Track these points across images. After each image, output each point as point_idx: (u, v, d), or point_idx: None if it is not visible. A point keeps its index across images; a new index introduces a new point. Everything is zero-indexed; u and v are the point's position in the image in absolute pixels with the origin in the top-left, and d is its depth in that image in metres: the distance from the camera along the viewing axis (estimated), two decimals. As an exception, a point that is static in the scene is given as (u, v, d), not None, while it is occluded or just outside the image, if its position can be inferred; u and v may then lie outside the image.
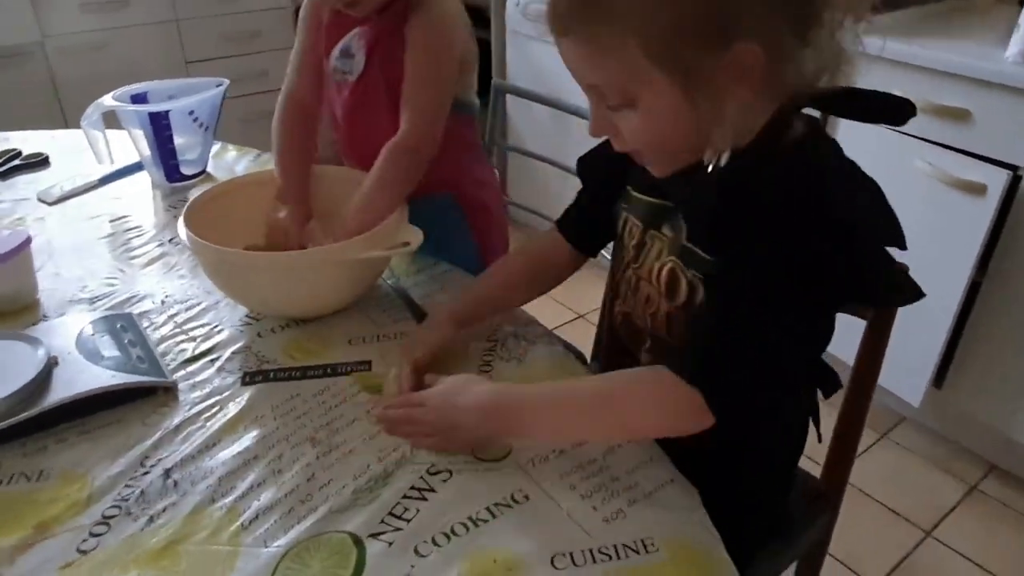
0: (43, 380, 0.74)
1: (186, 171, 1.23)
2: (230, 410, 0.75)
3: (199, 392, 0.78)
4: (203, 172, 1.27)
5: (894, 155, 1.50)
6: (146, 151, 1.21)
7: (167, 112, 1.17)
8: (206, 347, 0.85)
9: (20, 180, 1.25)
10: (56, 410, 0.71)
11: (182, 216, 0.87)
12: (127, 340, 0.82)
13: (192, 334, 0.87)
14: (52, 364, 0.76)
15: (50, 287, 0.95)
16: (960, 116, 1.40)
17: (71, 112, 2.34)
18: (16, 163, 1.29)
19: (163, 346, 0.85)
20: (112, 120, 1.20)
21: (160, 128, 1.17)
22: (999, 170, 1.35)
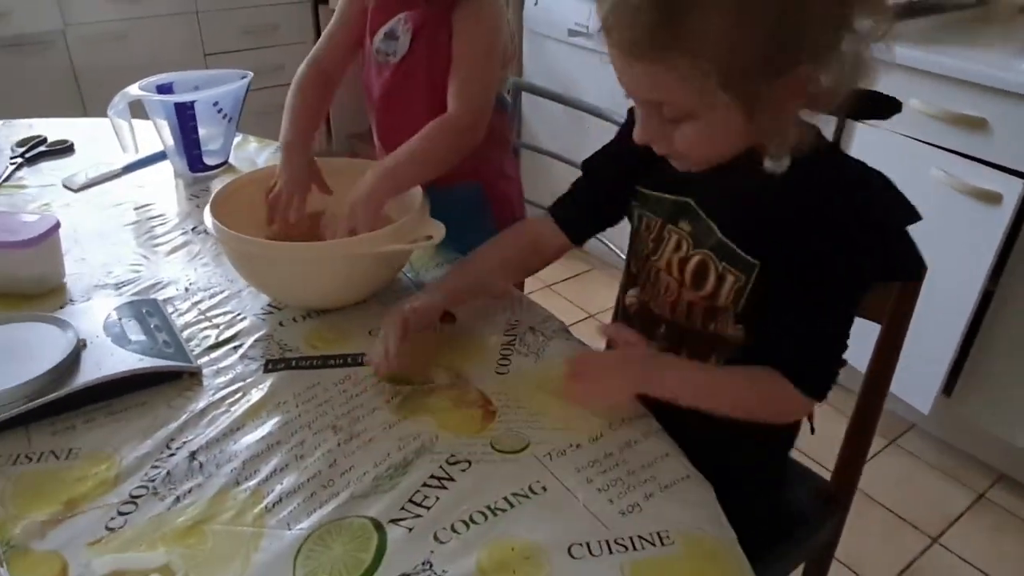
0: (72, 362, 0.75)
1: (209, 161, 1.25)
2: (253, 396, 0.77)
3: (223, 378, 0.80)
4: (225, 163, 1.29)
5: (909, 163, 1.51)
6: (170, 140, 1.23)
7: (193, 103, 1.18)
8: (229, 334, 0.86)
9: (45, 166, 1.27)
10: (85, 391, 0.73)
11: (208, 205, 0.89)
12: (153, 325, 0.84)
13: (215, 321, 0.89)
14: (81, 347, 0.77)
15: (76, 272, 0.97)
16: (977, 125, 1.40)
17: (91, 101, 2.36)
18: (41, 149, 1.31)
19: (187, 332, 0.86)
20: (136, 109, 1.21)
21: (185, 118, 1.19)
22: (1015, 179, 1.35)
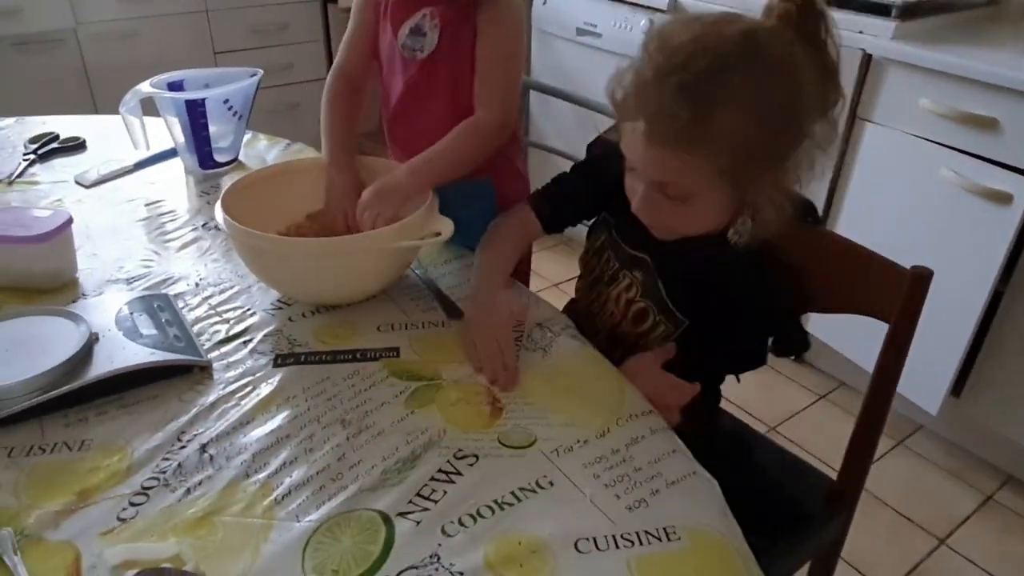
0: (85, 355, 0.76)
1: (219, 158, 1.26)
2: (263, 390, 0.78)
3: (233, 372, 0.80)
4: (235, 160, 1.29)
5: (919, 163, 1.50)
6: (181, 138, 1.24)
7: (203, 100, 1.19)
8: (239, 329, 0.87)
9: (58, 163, 1.28)
10: (97, 384, 0.74)
11: (219, 200, 0.89)
12: (164, 320, 0.84)
13: (225, 316, 0.89)
14: (93, 340, 0.78)
15: (88, 267, 0.98)
16: (987, 125, 1.39)
17: (101, 99, 2.37)
18: (54, 146, 1.32)
19: (198, 327, 0.87)
20: (147, 107, 1.22)
21: (196, 115, 1.19)
22: (1025, 180, 1.35)
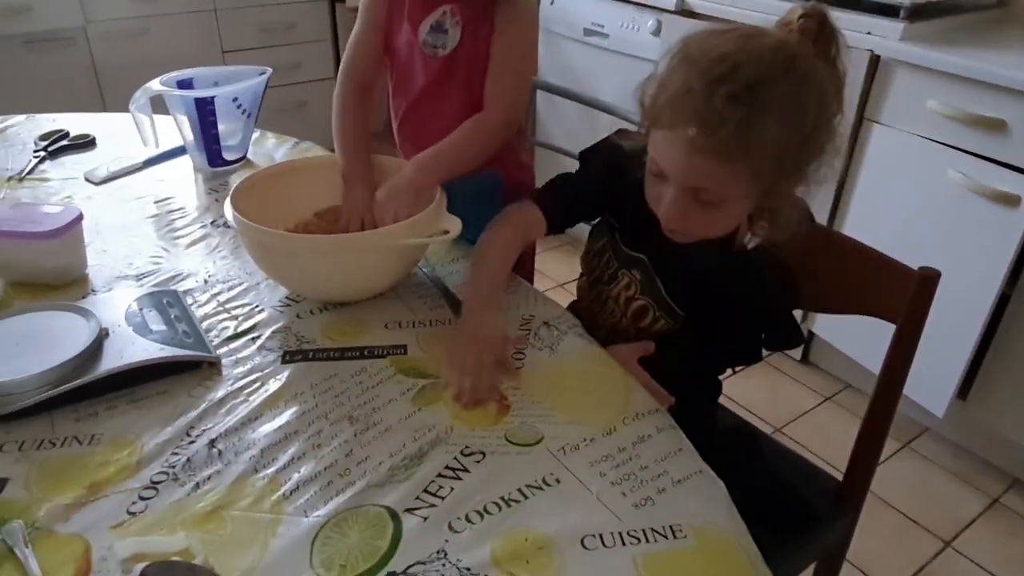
0: (95, 350, 0.77)
1: (228, 156, 1.27)
2: (271, 386, 0.78)
3: (241, 368, 0.81)
4: (244, 158, 1.30)
5: (927, 164, 1.50)
6: (190, 136, 1.24)
7: (212, 98, 1.20)
8: (247, 326, 0.87)
9: (68, 160, 1.29)
10: (107, 379, 0.74)
11: (228, 197, 0.90)
12: (173, 316, 0.85)
13: (234, 312, 0.90)
14: (103, 335, 0.79)
15: (98, 263, 0.99)
16: (995, 126, 1.39)
17: (110, 97, 2.39)
18: (64, 143, 1.33)
19: (206, 323, 0.87)
20: (156, 105, 1.23)
21: (205, 113, 1.20)
22: (1033, 182, 1.35)
